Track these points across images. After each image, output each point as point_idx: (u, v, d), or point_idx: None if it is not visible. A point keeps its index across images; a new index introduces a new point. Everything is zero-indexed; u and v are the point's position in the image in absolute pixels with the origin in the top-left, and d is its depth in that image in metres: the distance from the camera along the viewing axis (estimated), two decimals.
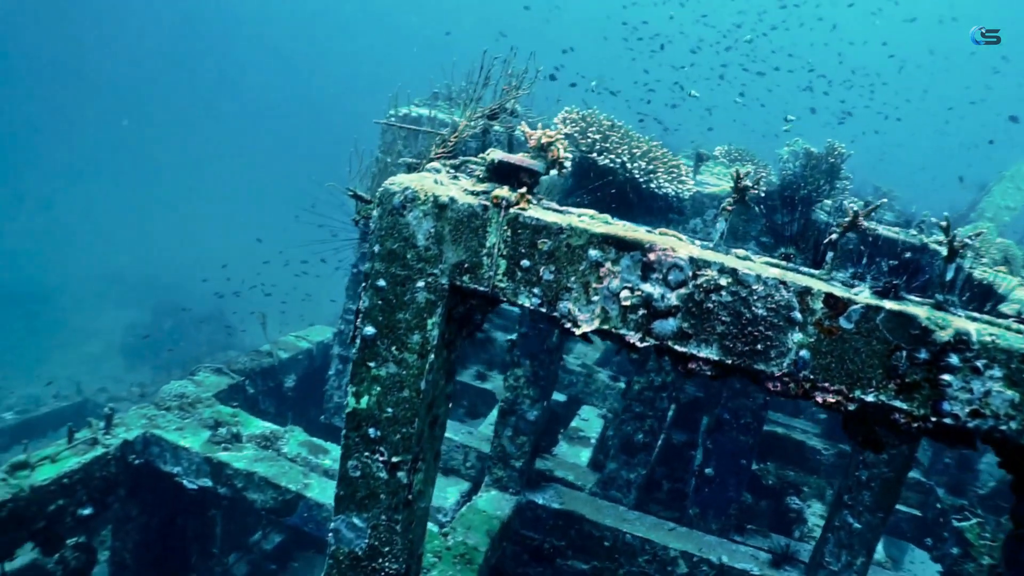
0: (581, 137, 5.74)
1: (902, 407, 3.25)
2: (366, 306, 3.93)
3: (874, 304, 3.17)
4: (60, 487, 7.42)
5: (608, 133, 5.69)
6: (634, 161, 5.62)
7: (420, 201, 3.70)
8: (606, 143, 5.65)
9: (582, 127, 5.73)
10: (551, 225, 3.54)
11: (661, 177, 5.67)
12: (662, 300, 3.40)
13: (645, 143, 5.82)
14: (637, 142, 5.79)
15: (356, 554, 4.32)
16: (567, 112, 5.91)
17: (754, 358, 3.36)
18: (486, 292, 3.70)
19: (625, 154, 5.63)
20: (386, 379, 3.96)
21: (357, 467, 4.16)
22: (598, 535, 7.84)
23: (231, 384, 10.00)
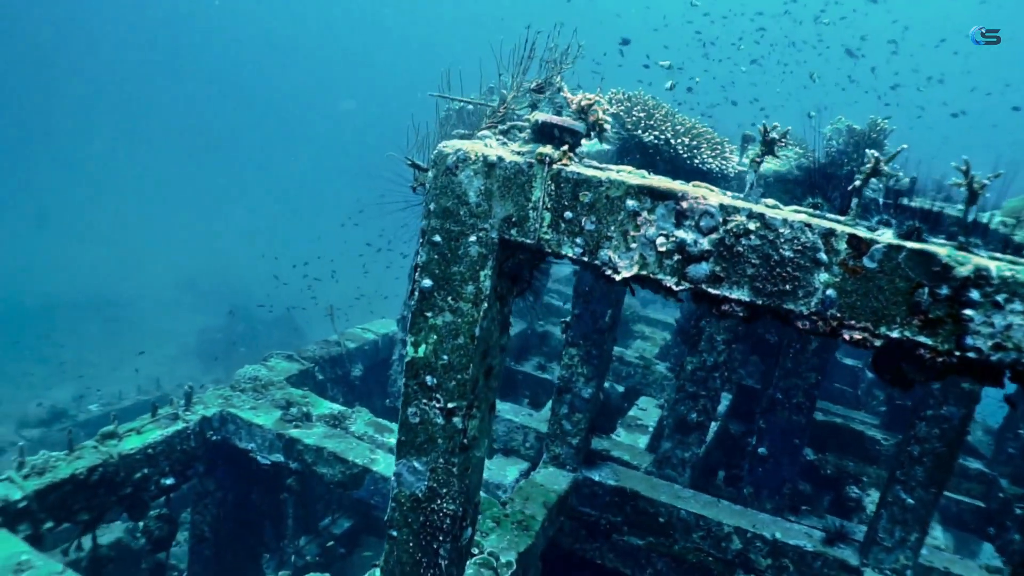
0: (627, 116, 6.01)
1: (926, 342, 3.41)
2: (423, 260, 4.29)
3: (895, 243, 3.36)
4: (145, 456, 8.02)
5: (652, 111, 5.95)
6: (677, 137, 5.85)
7: (471, 161, 4.04)
8: (651, 120, 5.91)
9: (627, 107, 6.00)
10: (591, 179, 3.83)
11: (705, 153, 5.88)
12: (695, 245, 3.65)
13: (689, 121, 6.05)
14: (680, 120, 6.02)
15: (417, 496, 4.67)
16: (613, 92, 6.19)
17: (783, 298, 3.57)
18: (532, 244, 4.02)
19: (669, 131, 5.87)
20: (442, 328, 4.31)
21: (416, 414, 4.52)
22: (653, 511, 8.02)
23: (301, 370, 10.54)
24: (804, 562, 7.61)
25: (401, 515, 4.76)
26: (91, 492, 7.41)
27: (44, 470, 7.09)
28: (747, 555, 7.77)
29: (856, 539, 7.81)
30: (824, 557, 7.54)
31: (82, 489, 7.30)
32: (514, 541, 6.77)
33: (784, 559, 7.67)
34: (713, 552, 7.89)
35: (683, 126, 5.94)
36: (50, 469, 7.13)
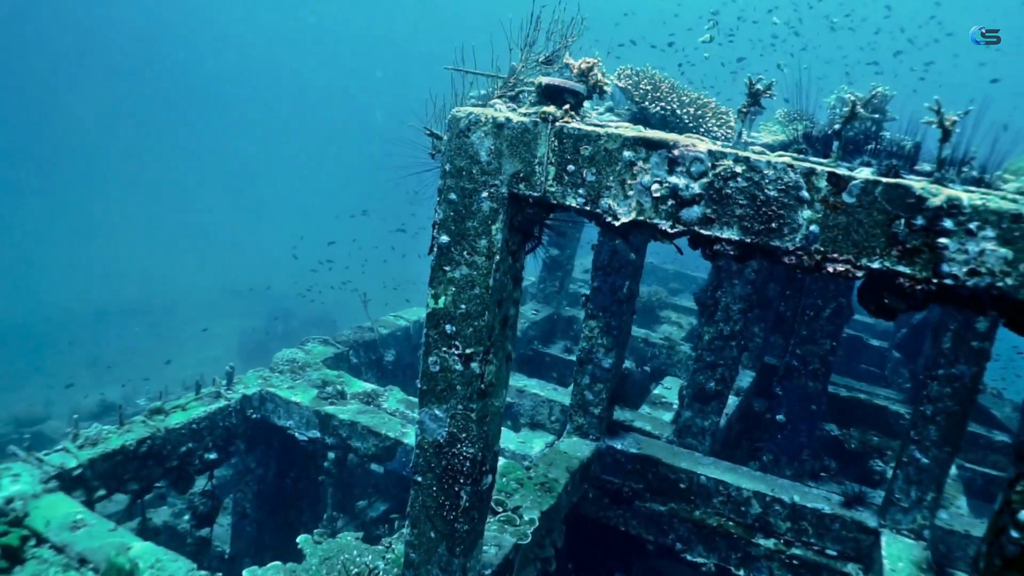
0: (634, 90, 6.30)
1: (905, 271, 3.65)
2: (440, 218, 4.63)
3: (872, 179, 3.61)
4: (190, 431, 8.49)
5: (659, 84, 6.23)
6: (683, 108, 6.12)
7: (482, 123, 4.38)
8: (657, 93, 6.19)
9: (634, 81, 6.28)
10: (591, 133, 4.14)
11: (710, 122, 6.14)
12: (687, 190, 3.94)
13: (694, 93, 6.32)
14: (686, 92, 6.29)
15: (438, 442, 5.01)
16: (622, 69, 6.48)
17: (770, 236, 3.84)
18: (539, 197, 4.34)
19: (675, 102, 6.14)
20: (459, 280, 4.65)
21: (436, 362, 4.86)
22: (674, 478, 8.27)
23: (336, 353, 10.97)
24: (823, 524, 7.79)
25: (424, 461, 5.10)
26: (140, 463, 7.88)
27: (96, 441, 7.58)
28: (767, 519, 7.98)
29: (875, 504, 7.97)
30: (842, 519, 7.72)
31: (131, 460, 7.77)
32: (537, 501, 7.07)
33: (803, 522, 7.86)
34: (733, 516, 8.11)
35: (688, 97, 6.21)
36: (102, 440, 7.62)
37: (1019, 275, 3.45)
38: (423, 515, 5.23)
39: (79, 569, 5.85)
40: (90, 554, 6.02)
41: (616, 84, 6.45)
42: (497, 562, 6.15)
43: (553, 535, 7.40)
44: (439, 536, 5.21)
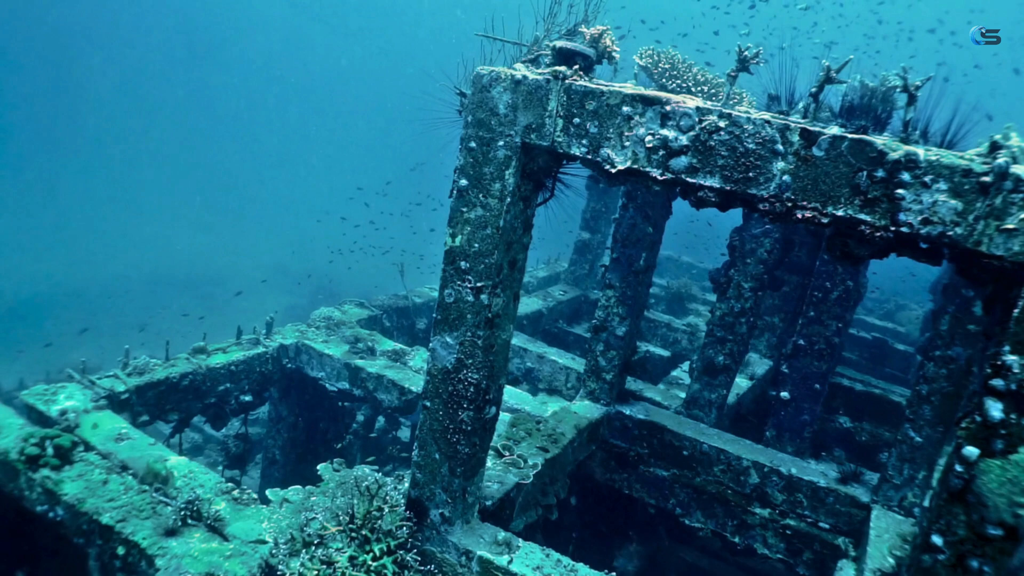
0: (654, 68, 6.75)
1: (866, 219, 4.07)
2: (461, 164, 5.17)
3: (839, 134, 4.04)
4: (228, 372, 9.17)
5: (676, 64, 6.68)
6: (697, 86, 6.56)
7: (501, 79, 4.91)
8: (674, 71, 6.64)
9: (654, 60, 6.74)
10: (595, 90, 4.64)
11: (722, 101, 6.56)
12: (676, 141, 4.41)
13: (709, 74, 6.75)
14: (702, 72, 6.73)
15: (447, 368, 5.55)
16: (644, 49, 6.93)
17: (747, 184, 4.29)
18: (548, 146, 4.85)
19: (690, 80, 6.58)
20: (474, 220, 5.18)
21: (451, 294, 5.40)
22: (678, 444, 8.67)
23: (370, 316, 11.60)
24: (817, 497, 8.13)
25: (433, 386, 5.64)
26: (181, 396, 8.58)
27: (143, 371, 8.29)
28: (763, 489, 8.34)
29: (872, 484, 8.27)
30: (836, 493, 8.04)
31: (174, 391, 8.47)
32: (542, 450, 7.57)
33: (798, 494, 8.20)
34: (732, 485, 8.48)
35: (703, 76, 6.65)
36: (148, 371, 8.33)
37: (968, 225, 3.86)
38: (429, 437, 5.77)
39: (121, 473, 6.52)
40: (131, 462, 6.70)
41: (638, 63, 6.91)
42: (498, 495, 6.66)
43: (557, 486, 7.88)
44: (443, 457, 5.75)
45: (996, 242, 3.80)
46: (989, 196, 3.77)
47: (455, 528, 5.93)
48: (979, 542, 4.15)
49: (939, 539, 4.26)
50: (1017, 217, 3.72)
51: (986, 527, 4.10)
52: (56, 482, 6.29)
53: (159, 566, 5.50)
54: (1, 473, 6.65)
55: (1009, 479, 4.07)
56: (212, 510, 6.11)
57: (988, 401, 3.97)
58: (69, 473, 6.43)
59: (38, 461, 6.40)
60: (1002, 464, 4.03)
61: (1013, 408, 3.91)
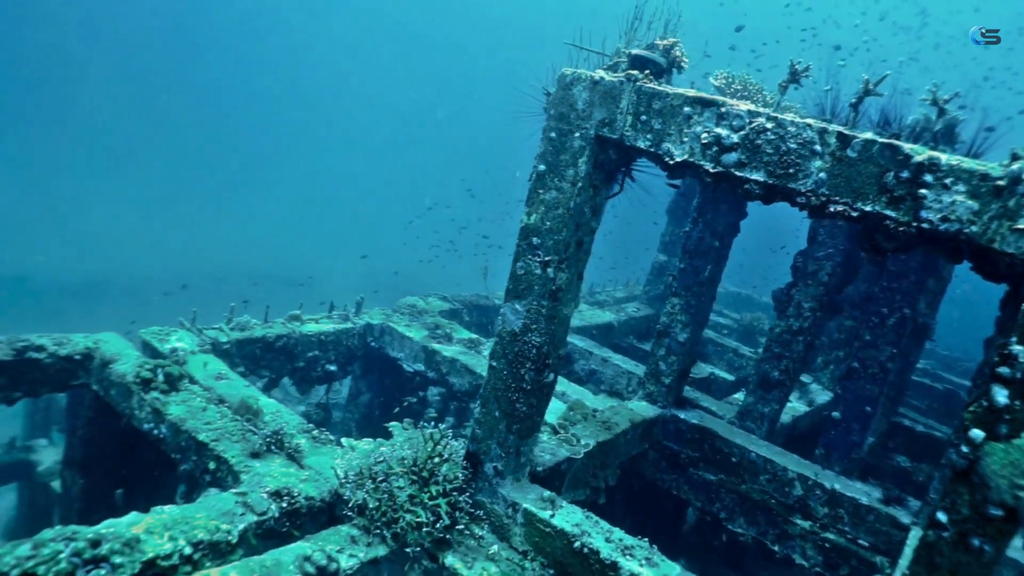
0: (727, 88, 7.36)
1: (891, 215, 4.58)
2: (541, 151, 5.92)
3: (871, 138, 4.59)
4: (318, 341, 10.13)
5: (748, 86, 7.28)
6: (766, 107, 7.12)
7: (582, 79, 5.65)
8: (745, 92, 7.23)
9: (728, 82, 7.36)
10: (661, 92, 5.32)
11: None
12: (728, 139, 5.03)
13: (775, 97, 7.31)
14: (772, 95, 7.29)
15: (514, 331, 6.25)
16: (720, 72, 7.55)
17: (788, 179, 4.87)
18: (617, 139, 5.54)
19: (760, 102, 7.16)
20: (549, 201, 5.90)
21: (522, 267, 6.12)
22: (727, 451, 9.06)
23: (451, 308, 12.44)
24: (858, 514, 8.37)
25: (501, 347, 6.35)
26: (274, 355, 9.56)
27: (244, 328, 9.32)
28: (806, 501, 8.63)
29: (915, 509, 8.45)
30: (877, 512, 8.26)
31: (268, 350, 9.47)
32: (595, 433, 8.13)
33: (840, 509, 8.46)
34: (776, 495, 8.80)
35: (773, 99, 7.21)
36: (248, 328, 9.36)
37: (983, 224, 4.33)
38: (492, 395, 6.47)
39: (218, 405, 7.46)
40: (227, 397, 7.63)
41: (713, 83, 7.55)
42: (549, 464, 7.27)
43: (607, 472, 8.41)
44: (502, 415, 6.43)
45: (1008, 240, 4.25)
46: (1003, 198, 4.24)
47: (506, 482, 6.58)
48: (981, 521, 4.51)
49: (944, 516, 4.66)
50: None
51: (988, 507, 4.47)
52: (163, 403, 7.27)
53: (243, 480, 6.35)
54: (117, 393, 7.72)
55: (1011, 462, 4.45)
56: (293, 443, 6.95)
57: (995, 387, 4.37)
58: (175, 398, 7.42)
59: (150, 384, 7.41)
60: (1005, 447, 4.42)
61: (1018, 395, 4.30)
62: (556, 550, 6.23)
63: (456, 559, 6.14)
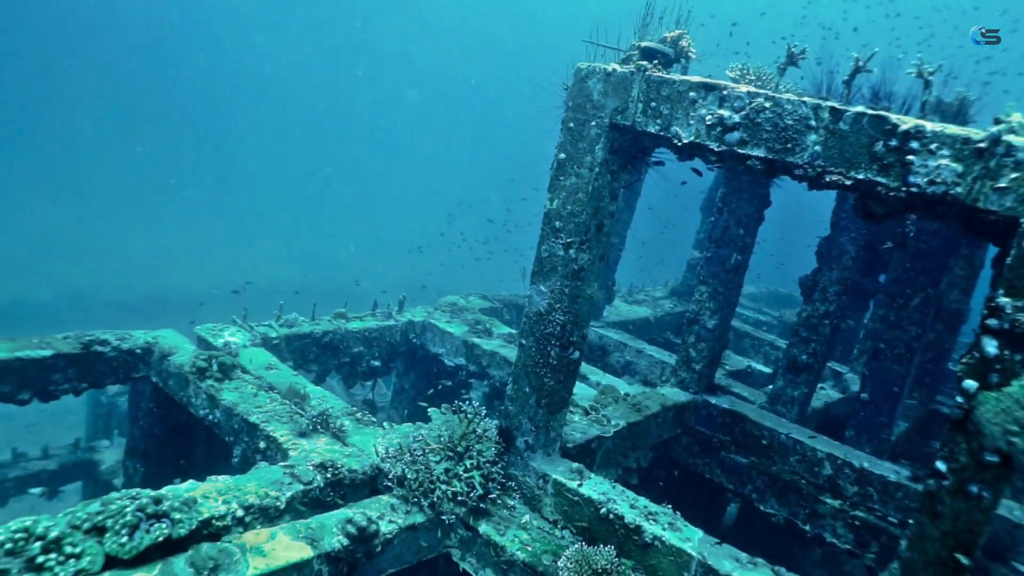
0: (741, 79, 7.71)
1: (882, 181, 4.90)
2: (561, 141, 6.36)
3: (861, 111, 4.92)
4: (363, 337, 10.68)
5: (761, 76, 7.61)
6: None
7: (596, 72, 6.10)
8: (759, 82, 7.56)
9: (742, 73, 7.71)
10: (669, 80, 5.73)
11: None
12: (730, 119, 5.41)
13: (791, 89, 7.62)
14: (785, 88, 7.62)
15: (540, 311, 6.67)
16: (734, 64, 7.91)
17: (786, 153, 5.22)
18: (630, 125, 5.96)
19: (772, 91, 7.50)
20: (569, 187, 6.34)
21: (546, 249, 6.55)
22: (758, 434, 9.30)
23: (491, 307, 12.89)
24: (887, 492, 8.53)
25: (528, 327, 6.78)
26: (321, 350, 10.14)
27: (292, 324, 9.92)
28: (836, 480, 8.82)
29: None
30: (906, 489, 8.42)
31: (315, 345, 10.04)
32: (626, 415, 8.48)
33: (869, 487, 8.63)
34: (806, 475, 9.01)
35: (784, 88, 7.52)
36: (296, 325, 9.96)
37: (967, 185, 4.63)
38: (522, 372, 6.90)
39: (268, 391, 8.02)
40: (276, 384, 8.20)
41: (728, 75, 7.90)
42: (580, 441, 7.64)
43: (638, 453, 8.73)
44: (531, 390, 6.84)
45: (991, 199, 4.54)
46: (984, 159, 4.53)
47: (536, 455, 6.98)
48: (978, 468, 4.76)
49: (943, 465, 4.91)
50: (1008, 177, 4.46)
51: (984, 454, 4.72)
52: (217, 390, 7.87)
53: (291, 456, 6.87)
54: (175, 383, 8.35)
55: (1003, 409, 4.70)
56: (338, 423, 7.46)
57: (985, 339, 4.64)
58: (228, 385, 8.01)
59: (205, 373, 8.02)
60: (997, 396, 4.67)
61: (1007, 344, 4.57)
62: (584, 517, 6.60)
63: (490, 527, 6.55)
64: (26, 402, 7.95)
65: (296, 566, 5.46)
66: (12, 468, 11.29)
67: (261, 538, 5.57)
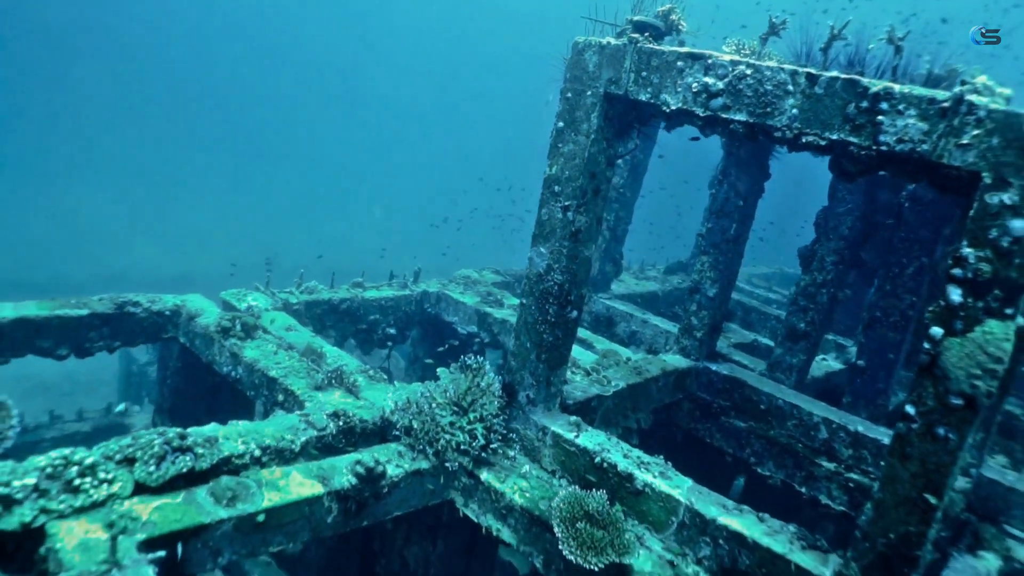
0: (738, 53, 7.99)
1: (854, 141, 5.21)
2: (559, 110, 6.72)
3: (834, 75, 5.22)
4: (379, 306, 11.14)
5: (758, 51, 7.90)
6: None
7: (591, 45, 6.44)
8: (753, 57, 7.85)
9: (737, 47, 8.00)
10: (658, 51, 6.06)
11: None
12: (714, 86, 5.73)
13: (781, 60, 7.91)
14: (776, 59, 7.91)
15: (540, 272, 7.05)
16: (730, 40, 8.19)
17: (766, 117, 5.54)
18: (623, 94, 6.30)
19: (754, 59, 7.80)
20: (567, 153, 6.70)
21: (546, 213, 6.92)
22: (756, 399, 9.60)
23: (503, 281, 13.27)
24: (881, 454, 8.79)
25: (529, 287, 7.16)
26: (339, 316, 10.61)
27: (312, 291, 10.41)
28: (831, 444, 9.11)
29: None
30: None
31: (334, 312, 10.52)
32: (626, 376, 8.84)
33: (863, 450, 8.91)
34: (803, 439, 9.31)
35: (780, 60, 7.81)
36: (316, 292, 10.44)
37: (932, 143, 4.93)
38: (523, 329, 7.29)
39: (287, 350, 8.50)
40: (295, 344, 8.67)
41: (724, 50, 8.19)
42: (580, 399, 8.00)
43: (639, 414, 9.09)
44: (532, 345, 7.24)
45: (954, 155, 4.83)
46: (948, 118, 4.83)
47: (537, 409, 7.38)
48: (945, 412, 5.07)
49: (912, 409, 5.23)
50: (970, 134, 4.75)
51: (949, 397, 5.04)
52: (240, 348, 8.37)
53: (307, 407, 7.33)
54: (201, 342, 8.88)
55: (967, 354, 5.00)
56: (351, 379, 7.92)
57: (950, 287, 4.95)
58: (250, 344, 8.51)
59: (229, 333, 8.52)
60: (961, 341, 4.98)
61: (970, 293, 4.87)
62: (580, 467, 6.99)
63: (491, 475, 6.97)
64: (64, 357, 8.48)
65: (308, 501, 5.92)
66: (49, 429, 11.94)
67: (276, 475, 6.04)
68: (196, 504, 5.47)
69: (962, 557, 7.91)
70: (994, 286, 4.79)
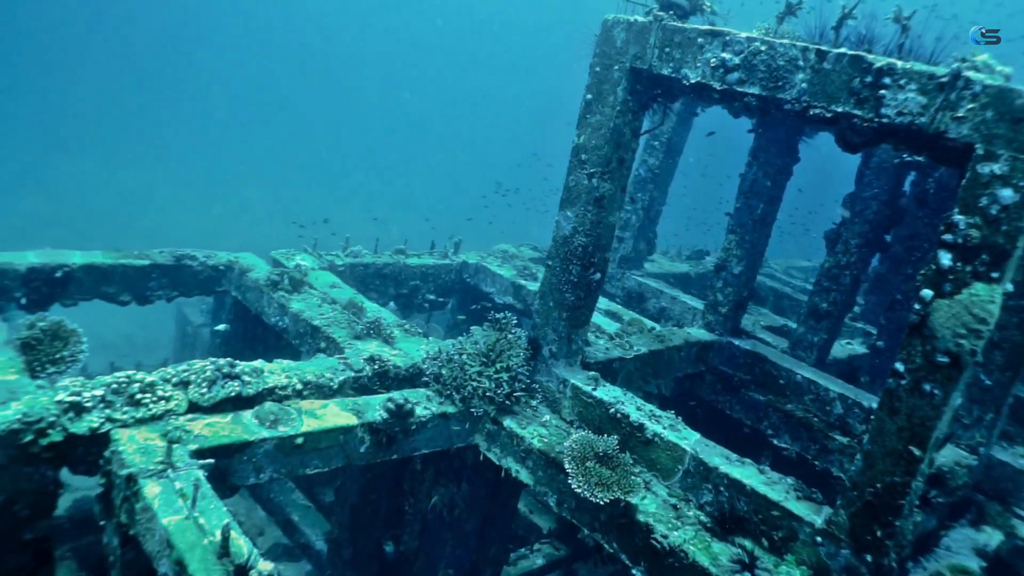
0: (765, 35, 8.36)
1: (858, 113, 5.58)
2: (588, 83, 7.19)
3: (842, 51, 5.60)
4: (420, 273, 11.75)
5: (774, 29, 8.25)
6: None
7: (620, 22, 6.89)
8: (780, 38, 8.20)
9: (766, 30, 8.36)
10: (681, 28, 6.49)
11: None
12: (730, 61, 6.15)
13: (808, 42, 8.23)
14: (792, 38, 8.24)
15: (565, 234, 7.55)
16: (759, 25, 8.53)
17: (777, 90, 5.94)
18: (647, 69, 6.75)
19: None
20: (594, 123, 7.17)
21: (573, 180, 7.41)
22: (775, 374, 9.95)
23: (539, 256, 13.75)
24: None
25: (555, 249, 7.67)
26: (382, 280, 11.26)
27: (356, 255, 11.05)
28: (846, 419, 9.42)
29: None
30: None
31: (376, 276, 11.17)
32: (649, 343, 9.27)
33: None
34: (819, 413, 9.63)
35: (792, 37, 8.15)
36: (360, 256, 11.10)
37: (931, 116, 5.29)
38: (547, 289, 7.81)
39: (331, 304, 9.16)
40: (338, 299, 9.31)
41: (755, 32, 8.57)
42: (601, 359, 8.46)
43: (660, 380, 9.53)
44: (555, 304, 7.75)
45: (951, 128, 5.19)
46: (945, 92, 5.18)
47: (559, 363, 7.89)
48: (931, 369, 5.45)
49: (901, 366, 5.62)
50: (965, 107, 5.10)
51: (936, 355, 5.41)
52: (287, 300, 9.05)
53: (347, 353, 7.96)
54: (252, 295, 9.60)
55: (954, 315, 5.36)
56: (388, 331, 8.52)
57: (940, 252, 5.32)
58: (296, 297, 9.19)
59: (277, 286, 9.22)
60: (949, 303, 5.34)
61: (959, 257, 5.23)
62: (596, 418, 7.48)
63: (513, 422, 7.50)
64: (126, 303, 9.27)
65: (342, 429, 6.54)
66: None
67: (315, 406, 6.68)
68: (242, 424, 6.14)
69: (963, 529, 8.21)
70: (982, 251, 5.14)
